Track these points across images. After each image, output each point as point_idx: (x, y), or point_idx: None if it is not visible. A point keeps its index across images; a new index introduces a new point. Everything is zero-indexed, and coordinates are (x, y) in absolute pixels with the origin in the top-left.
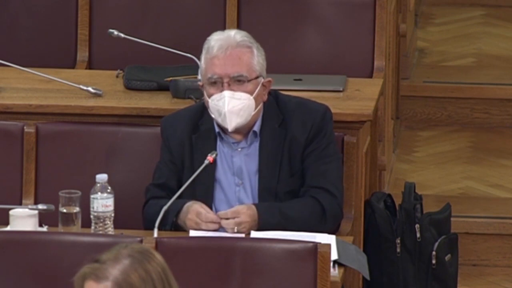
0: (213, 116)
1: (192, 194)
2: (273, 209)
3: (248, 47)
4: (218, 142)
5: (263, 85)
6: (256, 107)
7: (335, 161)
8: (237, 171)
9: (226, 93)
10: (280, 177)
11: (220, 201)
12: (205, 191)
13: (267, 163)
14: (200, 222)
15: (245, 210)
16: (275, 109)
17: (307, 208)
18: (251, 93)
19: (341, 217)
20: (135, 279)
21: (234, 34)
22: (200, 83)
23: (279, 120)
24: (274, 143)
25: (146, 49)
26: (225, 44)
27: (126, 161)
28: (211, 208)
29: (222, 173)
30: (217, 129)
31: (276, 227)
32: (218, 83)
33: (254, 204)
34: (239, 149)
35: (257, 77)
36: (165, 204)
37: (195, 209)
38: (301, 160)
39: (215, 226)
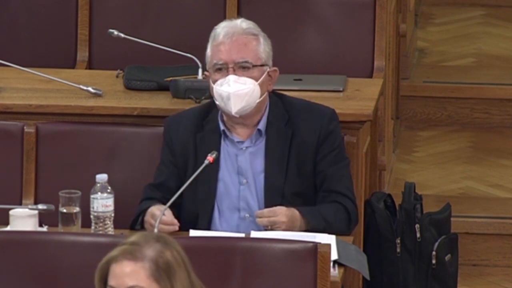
0: (217, 103)
1: (194, 194)
2: (315, 212)
3: (254, 35)
4: (222, 142)
5: (268, 74)
6: (261, 95)
7: (348, 165)
8: (241, 170)
9: (231, 77)
10: (287, 177)
11: (223, 200)
12: (207, 191)
13: (273, 162)
14: (154, 224)
15: (283, 211)
16: (280, 108)
17: (338, 213)
18: (256, 79)
19: (358, 221)
20: (170, 258)
21: (240, 22)
22: (206, 73)
23: (285, 119)
24: (280, 142)
25: (146, 49)
26: (231, 31)
27: (126, 161)
28: (213, 208)
29: (225, 172)
30: (222, 127)
31: (319, 231)
32: (223, 69)
33: (296, 208)
34: (244, 148)
35: (262, 65)
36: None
37: (151, 211)
38: (312, 163)
39: (169, 228)
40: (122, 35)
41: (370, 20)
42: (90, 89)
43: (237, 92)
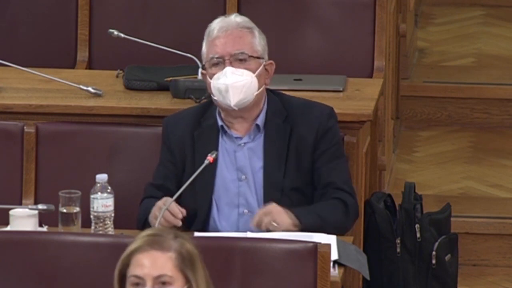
0: (215, 98)
1: (192, 192)
2: (310, 211)
3: (248, 28)
4: (220, 138)
5: (265, 68)
6: (259, 88)
7: (346, 162)
8: (240, 166)
9: (228, 69)
10: (286, 173)
11: (222, 197)
12: (204, 187)
13: (272, 158)
14: (161, 207)
15: (274, 208)
16: (278, 105)
17: (334, 208)
18: (253, 71)
19: (358, 214)
20: (191, 248)
21: (234, 17)
22: (202, 71)
23: (283, 116)
24: (279, 138)
25: (146, 49)
26: (226, 26)
27: (126, 161)
28: (211, 204)
29: (224, 168)
30: (220, 123)
31: (316, 230)
32: (220, 63)
33: (290, 209)
34: (242, 144)
35: (258, 57)
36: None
37: (158, 204)
38: (310, 159)
39: (171, 219)
40: (122, 35)
41: (370, 20)
42: (90, 89)
43: (235, 84)
